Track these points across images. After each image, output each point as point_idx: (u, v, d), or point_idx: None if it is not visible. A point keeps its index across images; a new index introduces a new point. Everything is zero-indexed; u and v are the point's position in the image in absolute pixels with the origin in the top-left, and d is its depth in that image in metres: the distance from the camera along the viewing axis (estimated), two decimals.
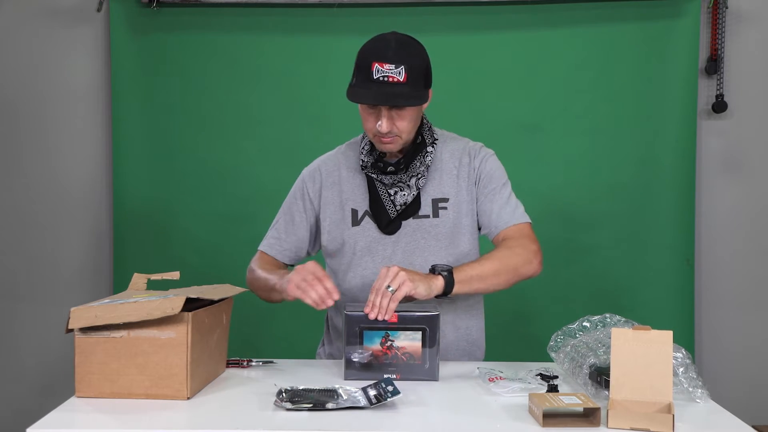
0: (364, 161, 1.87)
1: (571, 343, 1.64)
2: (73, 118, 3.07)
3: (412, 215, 1.86)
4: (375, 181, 1.87)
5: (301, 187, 1.97)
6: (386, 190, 1.86)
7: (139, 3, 2.95)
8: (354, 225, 1.89)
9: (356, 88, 1.76)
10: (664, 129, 2.91)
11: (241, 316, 2.03)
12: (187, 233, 2.99)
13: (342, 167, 1.94)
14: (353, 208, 1.89)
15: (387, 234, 1.87)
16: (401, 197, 1.84)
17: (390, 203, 1.85)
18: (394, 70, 1.71)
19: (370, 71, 1.71)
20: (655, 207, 2.92)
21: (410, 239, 1.86)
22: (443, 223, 1.87)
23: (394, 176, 1.84)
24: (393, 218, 1.85)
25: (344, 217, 1.90)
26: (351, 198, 1.90)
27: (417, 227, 1.86)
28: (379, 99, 1.72)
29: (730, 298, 3.01)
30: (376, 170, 1.85)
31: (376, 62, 1.71)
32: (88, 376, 1.44)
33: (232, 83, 2.98)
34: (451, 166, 1.90)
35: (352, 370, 1.60)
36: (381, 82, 1.71)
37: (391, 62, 1.71)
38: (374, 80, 1.71)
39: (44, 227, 3.09)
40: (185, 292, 1.51)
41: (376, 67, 1.71)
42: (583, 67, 2.93)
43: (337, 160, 1.96)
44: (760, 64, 2.97)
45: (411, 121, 1.78)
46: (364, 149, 1.89)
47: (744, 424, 1.35)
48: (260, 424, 1.31)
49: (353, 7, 2.95)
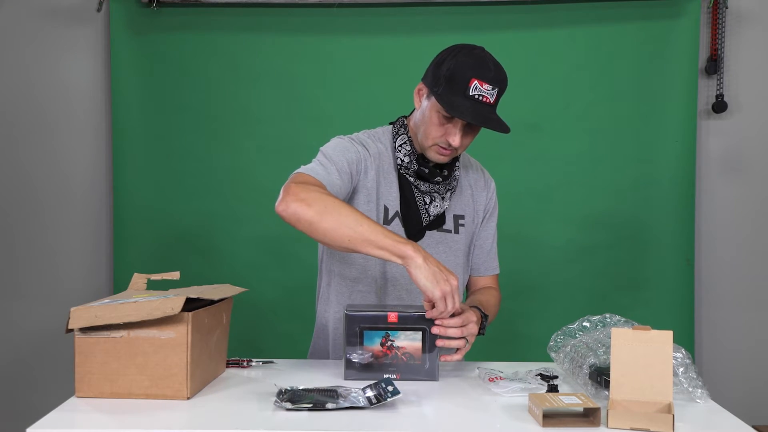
0: (404, 162, 1.83)
1: (571, 343, 1.64)
2: (73, 118, 3.07)
3: (437, 227, 1.87)
4: (411, 186, 1.83)
5: (352, 146, 1.79)
6: (422, 198, 1.83)
7: (139, 3, 2.95)
8: (385, 223, 1.83)
9: (451, 98, 1.68)
10: (664, 129, 2.91)
11: (241, 316, 2.03)
12: (187, 233, 2.99)
13: (383, 158, 1.84)
14: (386, 205, 1.84)
15: None
16: (434, 207, 1.83)
17: (425, 211, 1.83)
18: (491, 91, 1.69)
19: (467, 87, 1.67)
20: (655, 207, 2.92)
21: (434, 251, 1.85)
22: (462, 239, 1.90)
23: (432, 185, 1.83)
24: (424, 226, 1.84)
25: (376, 210, 1.81)
26: (385, 194, 1.83)
27: (440, 240, 1.87)
28: (479, 119, 1.67)
29: (730, 298, 3.01)
30: (420, 176, 1.82)
31: (477, 80, 1.68)
32: (88, 376, 1.44)
33: (232, 83, 2.98)
34: (466, 183, 1.93)
35: (352, 370, 1.60)
36: (475, 100, 1.68)
37: (491, 83, 1.69)
38: (469, 96, 1.67)
39: (44, 227, 3.09)
40: (185, 292, 1.51)
41: (474, 84, 1.67)
42: (583, 67, 2.93)
43: (378, 149, 1.84)
44: (760, 64, 2.97)
45: (473, 139, 1.79)
46: (402, 148, 1.83)
47: (744, 424, 1.34)
48: (260, 424, 1.31)
49: (353, 7, 2.95)
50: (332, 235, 1.54)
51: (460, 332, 1.59)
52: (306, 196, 1.56)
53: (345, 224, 1.53)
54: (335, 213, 1.55)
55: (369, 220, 1.56)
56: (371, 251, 1.53)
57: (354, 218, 1.54)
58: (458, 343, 1.60)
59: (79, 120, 3.07)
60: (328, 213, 1.54)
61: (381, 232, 1.53)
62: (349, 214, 1.55)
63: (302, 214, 1.56)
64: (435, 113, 1.72)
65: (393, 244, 1.52)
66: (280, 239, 2.91)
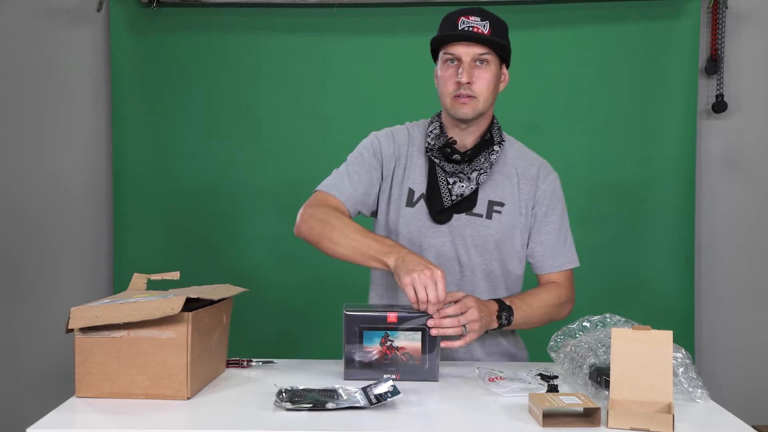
0: (430, 144, 1.84)
1: (571, 343, 1.64)
2: (73, 118, 3.07)
3: (466, 210, 1.83)
4: (437, 167, 1.83)
5: (375, 144, 1.89)
6: (446, 178, 1.82)
7: (139, 3, 2.95)
8: (408, 205, 1.85)
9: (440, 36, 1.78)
10: (664, 129, 2.91)
11: (241, 316, 2.02)
12: (187, 233, 2.99)
13: (413, 143, 1.89)
14: (411, 188, 1.85)
15: (437, 222, 1.83)
16: (459, 188, 1.81)
17: (447, 191, 1.81)
18: (480, 22, 1.74)
19: (455, 24, 1.74)
20: (655, 207, 2.92)
21: (459, 234, 1.83)
22: (495, 225, 1.84)
23: (457, 165, 1.81)
24: (446, 207, 1.81)
25: (401, 195, 1.86)
26: (412, 177, 1.86)
27: (468, 223, 1.83)
28: (466, 37, 1.73)
29: (730, 298, 3.01)
30: (441, 155, 1.82)
31: (462, 16, 1.75)
32: (88, 376, 1.44)
33: (232, 83, 2.98)
34: (513, 172, 1.87)
35: (352, 370, 1.60)
36: (466, 31, 1.74)
37: (477, 15, 1.75)
38: (459, 30, 1.74)
39: (44, 227, 3.09)
40: (185, 292, 1.51)
41: (462, 19, 1.74)
42: (583, 67, 2.93)
43: (408, 135, 1.90)
44: (760, 64, 2.97)
45: (490, 80, 1.78)
46: (432, 132, 1.85)
47: (744, 424, 1.34)
48: (260, 424, 1.31)
49: (353, 7, 2.95)
50: (332, 254, 1.73)
51: (456, 321, 1.59)
52: (310, 223, 1.76)
53: (339, 244, 1.71)
54: (331, 235, 1.72)
55: (360, 235, 1.69)
56: (366, 263, 1.69)
57: (346, 237, 1.70)
58: (454, 331, 1.59)
59: (80, 120, 3.07)
60: (325, 236, 1.73)
61: (368, 246, 1.68)
62: (342, 233, 1.71)
63: (308, 238, 1.77)
64: (441, 65, 1.80)
65: (376, 256, 1.66)
66: (280, 239, 2.90)
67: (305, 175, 2.53)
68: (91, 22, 3.03)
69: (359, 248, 1.68)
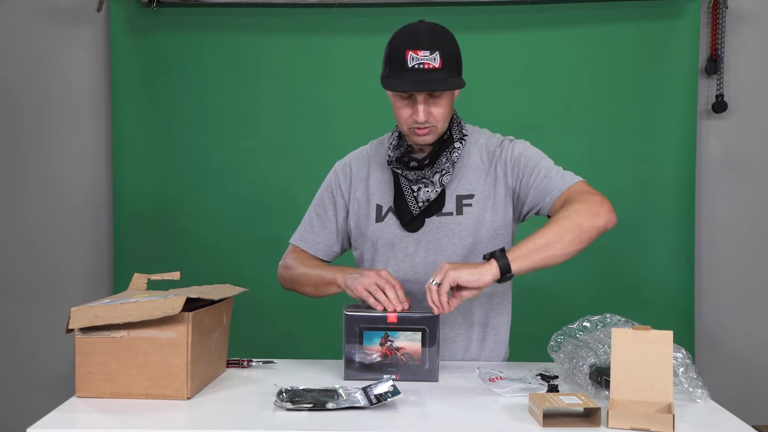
0: (390, 156, 1.85)
1: (571, 343, 1.64)
2: (73, 118, 3.07)
3: (435, 212, 1.83)
4: (400, 177, 1.84)
5: (333, 180, 1.95)
6: (410, 186, 1.83)
7: (139, 3, 2.95)
8: (378, 221, 1.86)
9: (390, 79, 1.72)
10: (664, 129, 2.91)
11: (241, 316, 2.03)
12: (187, 233, 2.99)
13: (372, 162, 1.92)
14: (378, 203, 1.87)
15: (410, 231, 1.83)
16: (424, 194, 1.81)
17: (413, 199, 1.82)
18: (429, 56, 1.68)
19: (404, 60, 1.69)
20: (655, 206, 2.92)
21: (433, 237, 1.83)
22: (467, 220, 1.82)
23: (418, 172, 1.81)
24: (416, 215, 1.82)
25: (369, 213, 1.88)
26: (377, 193, 1.88)
27: (440, 225, 1.83)
28: (417, 86, 1.68)
29: (730, 298, 3.01)
30: (401, 165, 1.82)
31: (410, 50, 1.69)
32: (88, 376, 1.44)
33: (232, 83, 2.98)
34: (478, 161, 1.85)
35: (352, 370, 1.60)
36: (416, 69, 1.68)
37: (426, 49, 1.69)
38: (409, 68, 1.68)
39: (44, 227, 3.09)
40: (185, 292, 1.51)
41: (410, 55, 1.69)
42: (583, 67, 2.93)
43: (368, 154, 1.94)
44: (760, 64, 2.97)
45: (446, 108, 1.75)
46: (391, 144, 1.87)
47: (744, 424, 1.35)
48: (260, 424, 1.31)
49: (353, 7, 2.95)
50: (306, 295, 1.92)
51: (443, 291, 1.58)
52: (284, 277, 1.98)
53: (304, 284, 1.90)
54: (298, 281, 1.92)
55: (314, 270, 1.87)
56: (334, 289, 1.82)
57: (306, 277, 1.89)
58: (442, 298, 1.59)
59: (79, 120, 3.07)
60: (295, 283, 1.94)
61: (320, 276, 1.84)
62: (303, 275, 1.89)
63: (288, 289, 1.98)
64: (394, 98, 1.77)
65: (342, 280, 1.76)
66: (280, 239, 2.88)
67: (305, 175, 2.54)
68: (91, 22, 3.02)
69: (315, 281, 1.85)
